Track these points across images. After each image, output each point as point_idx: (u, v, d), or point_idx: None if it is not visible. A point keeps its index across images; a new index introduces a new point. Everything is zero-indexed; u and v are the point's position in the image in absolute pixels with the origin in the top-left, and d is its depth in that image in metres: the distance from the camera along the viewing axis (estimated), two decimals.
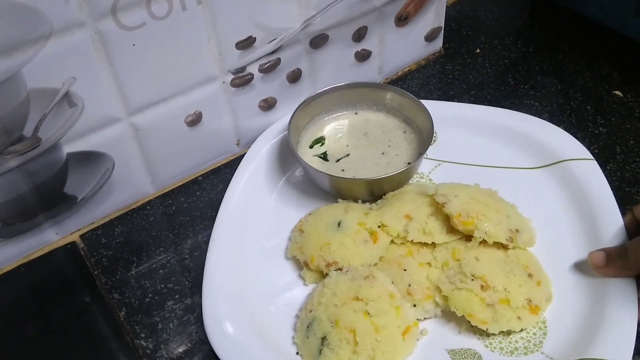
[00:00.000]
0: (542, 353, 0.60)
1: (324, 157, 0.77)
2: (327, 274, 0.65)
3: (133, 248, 0.73)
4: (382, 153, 0.77)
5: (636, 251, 0.59)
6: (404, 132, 0.79)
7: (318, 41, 0.80)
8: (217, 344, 0.62)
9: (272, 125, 0.82)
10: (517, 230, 0.65)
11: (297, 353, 0.62)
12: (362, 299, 0.61)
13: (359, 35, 0.84)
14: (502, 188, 0.71)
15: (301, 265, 0.68)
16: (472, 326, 0.61)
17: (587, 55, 0.92)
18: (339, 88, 0.79)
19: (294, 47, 0.78)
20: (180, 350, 0.64)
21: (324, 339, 0.60)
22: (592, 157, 0.74)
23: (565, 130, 0.80)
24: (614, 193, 0.71)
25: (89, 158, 0.70)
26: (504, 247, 0.65)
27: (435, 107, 0.77)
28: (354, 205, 0.72)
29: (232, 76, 0.75)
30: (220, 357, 0.61)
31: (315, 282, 0.68)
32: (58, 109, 0.63)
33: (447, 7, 0.90)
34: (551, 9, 0.98)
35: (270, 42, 0.75)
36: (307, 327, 0.62)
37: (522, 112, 0.83)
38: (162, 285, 0.66)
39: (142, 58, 0.66)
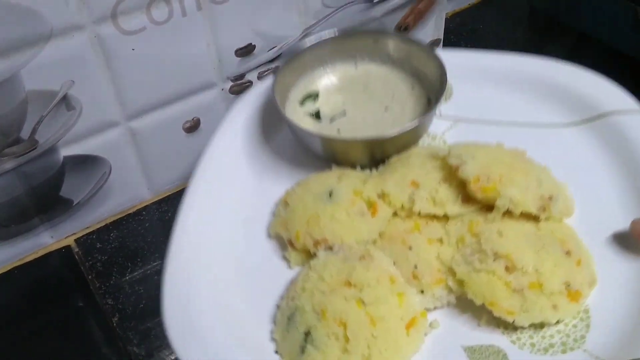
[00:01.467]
0: (585, 351, 0.51)
1: (317, 115, 0.70)
2: (314, 254, 0.58)
3: (128, 253, 0.73)
4: (385, 109, 0.69)
5: None
6: (412, 88, 0.71)
7: None
8: (179, 342, 0.54)
9: (256, 85, 0.75)
10: (550, 197, 0.56)
11: (276, 352, 0.54)
12: (355, 285, 0.53)
13: None
14: (531, 149, 0.62)
15: (285, 244, 0.60)
16: (495, 317, 0.53)
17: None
18: (334, 38, 0.71)
19: None
20: (173, 358, 0.62)
21: (307, 334, 0.52)
22: None
23: None
24: None
25: (86, 162, 0.70)
26: (535, 218, 0.56)
27: (451, 57, 0.68)
28: (349, 173, 0.63)
29: (231, 83, 0.76)
30: (180, 357, 0.53)
31: (301, 264, 0.59)
32: (56, 112, 0.64)
33: (446, 19, 0.90)
34: (549, 23, 0.99)
35: (269, 50, 0.75)
36: (288, 319, 0.54)
37: None
38: (156, 292, 0.60)
39: (141, 63, 0.66)
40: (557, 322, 0.53)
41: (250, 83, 0.77)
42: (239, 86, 0.76)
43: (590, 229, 0.58)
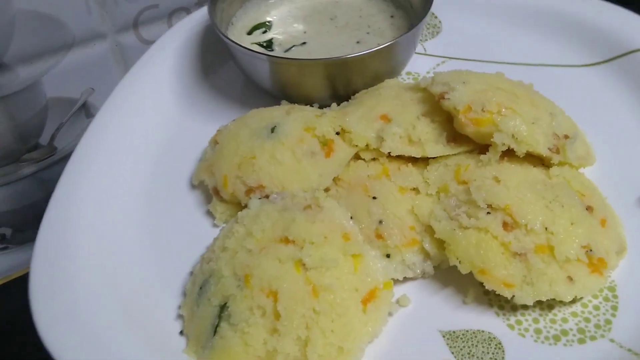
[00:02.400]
0: (612, 340, 0.42)
1: (268, 45, 0.60)
2: (247, 206, 0.47)
3: None
4: (358, 42, 0.60)
5: None
6: (391, 17, 0.62)
7: None
8: (41, 318, 0.42)
9: (192, 13, 0.67)
10: (566, 137, 0.47)
11: (181, 333, 0.43)
12: (295, 241, 0.43)
13: None
14: (541, 92, 0.55)
15: (210, 194, 0.51)
16: (487, 292, 0.45)
17: None
18: None
19: None
20: None
21: (223, 307, 0.41)
22: None
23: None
24: None
25: None
26: (545, 162, 0.48)
27: None
28: (301, 107, 0.54)
29: None
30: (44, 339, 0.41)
31: (230, 219, 0.49)
32: (75, 119, 0.65)
33: None
34: None
35: None
36: (200, 288, 0.43)
37: None
38: None
39: None
40: (573, 300, 0.45)
41: None
42: None
43: (616, 185, 0.50)
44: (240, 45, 0.55)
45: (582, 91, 0.61)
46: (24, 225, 0.71)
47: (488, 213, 0.44)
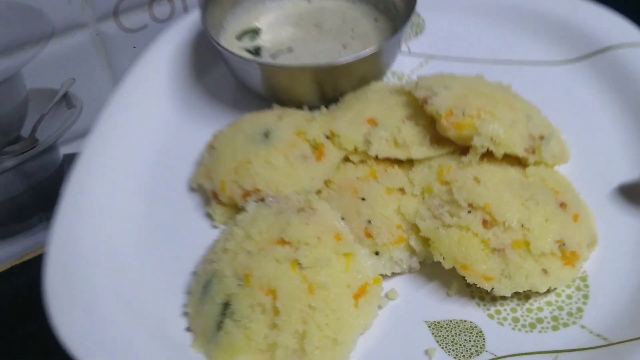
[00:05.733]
0: (583, 327, 0.45)
1: (256, 52, 0.63)
2: (244, 209, 0.51)
3: None
4: (344, 46, 0.63)
5: None
6: (375, 20, 0.65)
7: None
8: (58, 314, 0.45)
9: (182, 17, 0.69)
10: (541, 137, 0.51)
11: (188, 329, 0.47)
12: (290, 242, 0.46)
13: None
14: (519, 90, 0.57)
15: (209, 198, 0.54)
16: (469, 285, 0.48)
17: None
18: None
19: None
20: None
21: (226, 305, 0.44)
22: None
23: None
24: None
25: None
26: (521, 162, 0.51)
27: None
28: (292, 111, 0.58)
29: None
30: (59, 334, 0.44)
31: (229, 222, 0.53)
32: (56, 110, 0.65)
33: None
34: None
35: None
36: (204, 287, 0.46)
37: None
38: None
39: None
40: (548, 291, 0.48)
41: None
42: None
43: (590, 180, 0.53)
44: (232, 53, 0.56)
45: (558, 88, 0.63)
46: (7, 219, 0.69)
47: (469, 212, 0.47)
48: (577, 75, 0.62)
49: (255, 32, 0.66)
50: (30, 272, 0.65)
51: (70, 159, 0.68)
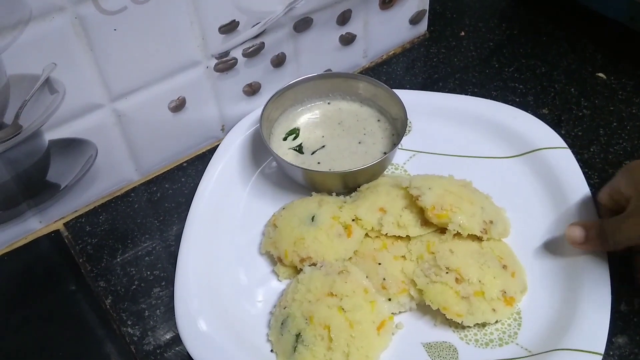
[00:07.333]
0: (517, 344, 0.60)
1: (299, 149, 0.76)
2: (301, 270, 0.64)
3: (118, 235, 0.72)
4: (359, 142, 0.76)
5: (614, 234, 0.60)
6: (378, 121, 0.78)
7: (302, 25, 0.79)
8: (190, 342, 0.61)
9: (244, 117, 0.80)
10: (491, 222, 0.65)
11: (272, 350, 0.61)
12: (336, 295, 0.60)
13: (344, 18, 0.83)
14: (477, 178, 0.71)
15: (275, 260, 0.67)
16: (448, 319, 0.61)
17: (570, 37, 0.92)
18: (311, 78, 0.78)
19: (278, 31, 0.77)
20: (168, 337, 0.64)
21: (298, 335, 0.59)
22: (566, 146, 0.73)
23: (549, 112, 0.80)
24: (596, 175, 0.72)
25: (72, 145, 0.68)
26: (479, 238, 0.64)
27: (409, 97, 0.75)
28: (327, 199, 0.71)
29: (216, 61, 0.73)
30: (192, 356, 0.60)
31: (289, 277, 0.67)
32: (39, 96, 0.62)
33: None
34: None
35: (253, 26, 0.73)
36: (282, 324, 0.61)
37: (506, 95, 0.83)
38: (148, 273, 0.65)
39: (124, 43, 0.64)
40: (496, 322, 0.61)
41: (235, 60, 0.76)
42: (224, 63, 0.74)
43: (523, 246, 0.66)
44: (283, 160, 0.72)
45: (503, 177, 0.73)
46: None
47: (447, 272, 0.60)
48: (516, 167, 0.73)
49: (296, 133, 0.77)
50: (21, 259, 0.68)
51: (55, 145, 0.66)
